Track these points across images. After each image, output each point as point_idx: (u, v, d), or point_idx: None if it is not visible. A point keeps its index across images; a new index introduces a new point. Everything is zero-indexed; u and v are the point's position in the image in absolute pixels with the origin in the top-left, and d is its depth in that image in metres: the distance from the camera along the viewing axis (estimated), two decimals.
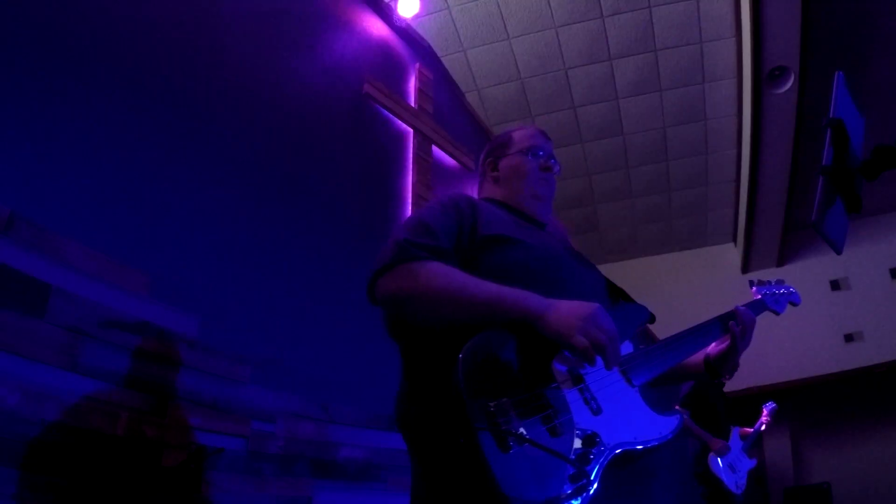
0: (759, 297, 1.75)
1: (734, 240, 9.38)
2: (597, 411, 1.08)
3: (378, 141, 3.36)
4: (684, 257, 9.72)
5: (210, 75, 2.37)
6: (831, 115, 1.57)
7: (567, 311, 1.08)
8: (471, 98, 5.77)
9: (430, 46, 4.04)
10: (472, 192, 1.61)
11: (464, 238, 1.26)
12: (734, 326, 1.46)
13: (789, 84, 6.35)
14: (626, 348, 1.27)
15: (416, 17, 3.75)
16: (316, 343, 2.47)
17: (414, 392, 1.19)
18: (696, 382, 3.85)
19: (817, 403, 8.17)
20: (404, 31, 3.78)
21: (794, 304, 1.91)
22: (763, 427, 4.30)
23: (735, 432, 3.96)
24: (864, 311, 8.46)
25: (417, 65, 3.81)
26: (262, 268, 2.33)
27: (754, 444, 4.14)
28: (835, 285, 8.83)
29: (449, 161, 3.90)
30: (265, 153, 2.53)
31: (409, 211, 3.37)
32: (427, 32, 4.68)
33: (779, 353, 7.20)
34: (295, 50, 2.89)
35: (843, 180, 1.83)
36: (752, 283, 1.88)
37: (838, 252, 2.15)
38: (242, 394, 2.06)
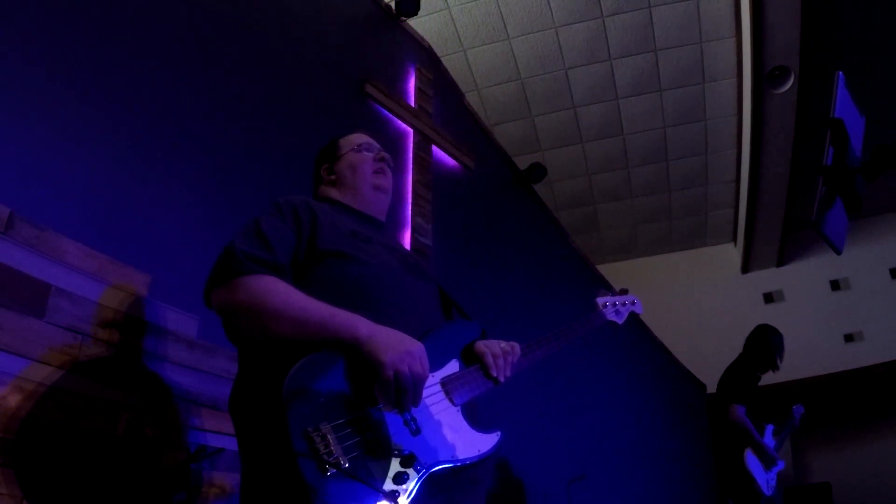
0: (601, 307, 1.82)
1: (734, 240, 9.37)
2: (416, 432, 1.12)
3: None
4: (684, 257, 9.70)
5: (210, 76, 2.37)
6: (832, 115, 1.57)
7: (387, 342, 1.12)
8: (471, 98, 5.76)
9: (430, 46, 4.03)
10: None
11: (301, 250, 1.29)
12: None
13: (789, 84, 6.34)
14: (453, 367, 1.30)
15: (416, 17, 3.75)
16: None
17: (245, 393, 1.22)
18: (744, 374, 3.61)
19: (817, 403, 8.17)
20: (404, 32, 3.78)
21: (637, 314, 1.98)
22: (791, 429, 4.07)
23: (769, 430, 3.71)
24: (864, 311, 8.45)
25: (417, 65, 3.81)
26: None
27: (781, 446, 3.90)
28: (835, 285, 8.83)
29: (449, 161, 3.90)
30: (265, 153, 2.53)
31: (409, 210, 3.36)
32: (427, 32, 4.67)
33: None
34: (295, 51, 2.90)
35: (843, 180, 1.83)
36: (595, 295, 1.94)
37: (838, 252, 2.15)
38: None
